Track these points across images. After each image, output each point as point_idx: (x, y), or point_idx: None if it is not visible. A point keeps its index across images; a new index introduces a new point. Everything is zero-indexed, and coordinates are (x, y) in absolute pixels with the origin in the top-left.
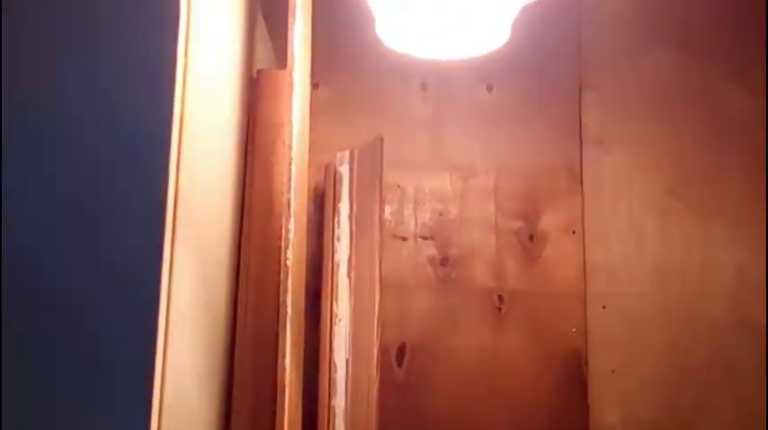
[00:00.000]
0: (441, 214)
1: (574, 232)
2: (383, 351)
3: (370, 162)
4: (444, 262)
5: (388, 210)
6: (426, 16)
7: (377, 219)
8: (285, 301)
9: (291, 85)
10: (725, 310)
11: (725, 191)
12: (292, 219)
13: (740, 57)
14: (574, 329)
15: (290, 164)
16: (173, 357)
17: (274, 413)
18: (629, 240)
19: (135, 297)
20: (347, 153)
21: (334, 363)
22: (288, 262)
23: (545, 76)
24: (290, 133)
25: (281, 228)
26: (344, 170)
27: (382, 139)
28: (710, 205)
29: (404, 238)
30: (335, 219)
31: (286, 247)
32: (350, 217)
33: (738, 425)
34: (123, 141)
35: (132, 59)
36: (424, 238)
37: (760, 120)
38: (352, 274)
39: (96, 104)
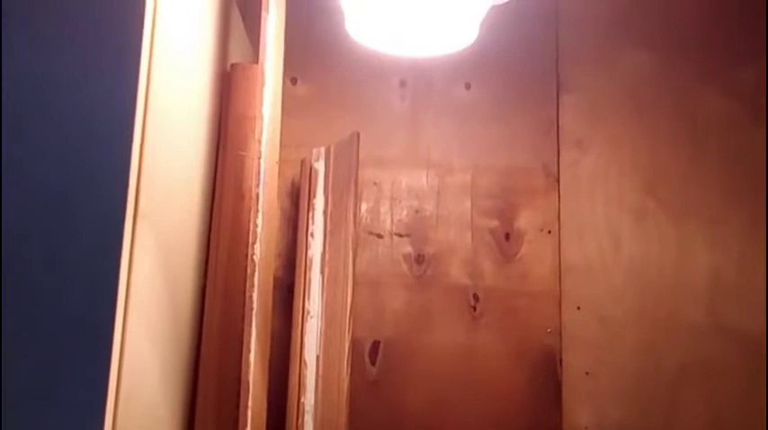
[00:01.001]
0: (417, 211)
1: (550, 232)
2: (357, 348)
3: (346, 158)
4: (420, 259)
5: (364, 206)
6: (391, 13)
7: (351, 215)
8: (251, 297)
9: (263, 78)
10: (699, 312)
11: (701, 191)
12: (260, 214)
13: (717, 58)
14: (549, 329)
15: (259, 158)
16: (131, 349)
17: (238, 408)
18: (605, 241)
19: (91, 288)
20: (323, 149)
21: (305, 360)
22: (255, 257)
23: (523, 75)
24: (260, 127)
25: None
26: (320, 166)
27: (358, 135)
28: (686, 206)
29: (379, 235)
30: (310, 214)
31: (253, 243)
32: (324, 213)
33: (711, 427)
34: (83, 133)
35: (94, 51)
36: (400, 236)
37: (736, 122)
38: (326, 271)
39: (56, 96)
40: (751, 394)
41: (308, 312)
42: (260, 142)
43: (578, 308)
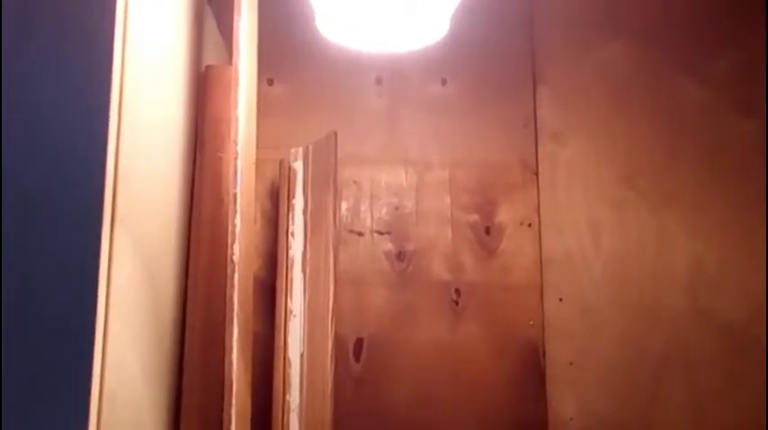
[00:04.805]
0: (397, 208)
1: (530, 225)
2: (340, 346)
3: (324, 157)
4: (401, 256)
5: (344, 205)
6: (361, 8)
7: (331, 214)
8: (232, 297)
9: (237, 79)
10: (681, 301)
11: (679, 181)
12: (238, 215)
13: (694, 47)
14: (531, 322)
15: (235, 159)
16: (113, 351)
17: (223, 408)
18: (585, 232)
19: (72, 292)
20: (301, 149)
21: (289, 359)
22: (234, 257)
23: (499, 69)
24: (236, 128)
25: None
26: (298, 166)
27: (336, 135)
28: (665, 196)
29: (360, 233)
30: (290, 214)
31: (232, 243)
32: (304, 212)
33: (694, 416)
34: (57, 138)
35: (65, 54)
36: (381, 233)
37: (713, 111)
38: (307, 270)
39: (27, 100)
40: (733, 382)
41: (291, 311)
42: (236, 143)
43: (560, 300)
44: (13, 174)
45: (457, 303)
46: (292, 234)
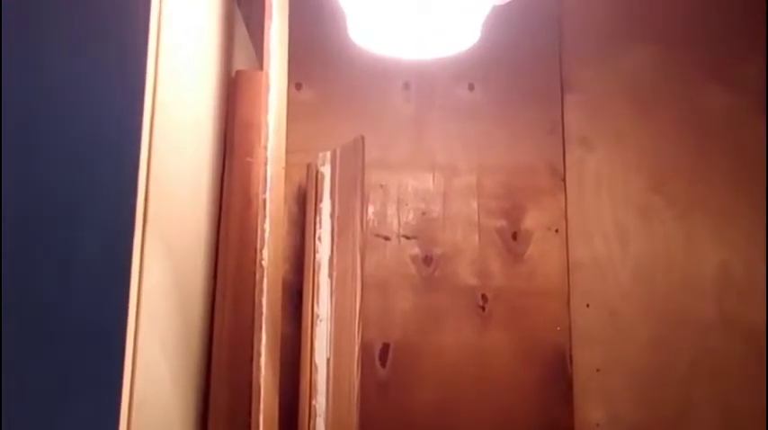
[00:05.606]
0: (423, 213)
1: (557, 231)
2: (367, 350)
3: (352, 162)
4: (428, 261)
5: (371, 209)
6: (394, 16)
7: (358, 218)
8: (261, 302)
9: (267, 85)
10: (709, 308)
11: (708, 188)
12: (268, 219)
13: (721, 53)
14: (558, 327)
15: (265, 164)
16: (143, 355)
17: (251, 413)
18: (613, 239)
19: (103, 294)
20: (328, 153)
21: (315, 364)
22: (263, 262)
23: (527, 74)
24: (266, 133)
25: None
26: (326, 170)
27: (363, 139)
28: (693, 202)
29: (387, 238)
30: (317, 218)
31: (261, 248)
32: (331, 216)
33: (722, 423)
34: (91, 140)
35: (101, 58)
36: (407, 238)
37: (742, 117)
38: (334, 274)
39: (63, 104)
40: (761, 389)
41: (318, 316)
42: (266, 148)
43: (587, 305)
44: (47, 175)
45: (483, 308)
46: (319, 238)
